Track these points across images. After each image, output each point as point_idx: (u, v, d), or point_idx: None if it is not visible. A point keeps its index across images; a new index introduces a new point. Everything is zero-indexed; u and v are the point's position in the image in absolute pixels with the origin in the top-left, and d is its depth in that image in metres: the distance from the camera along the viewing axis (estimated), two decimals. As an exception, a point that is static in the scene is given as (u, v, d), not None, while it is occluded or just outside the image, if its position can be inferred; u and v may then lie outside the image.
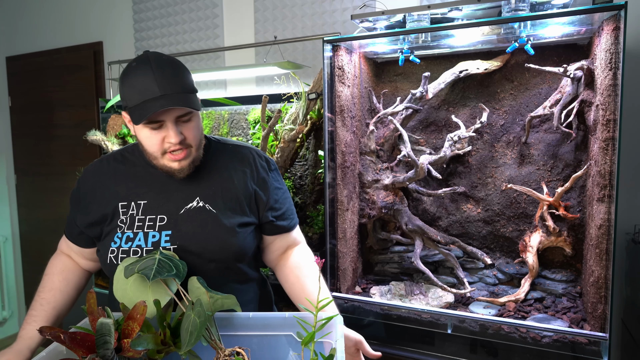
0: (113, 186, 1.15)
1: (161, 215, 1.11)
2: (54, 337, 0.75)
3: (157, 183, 1.14)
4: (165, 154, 1.06)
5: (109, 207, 1.13)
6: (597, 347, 1.41)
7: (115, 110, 2.54)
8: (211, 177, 1.15)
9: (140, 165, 1.17)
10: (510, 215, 1.85)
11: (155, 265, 0.91)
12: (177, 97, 1.00)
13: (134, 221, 1.11)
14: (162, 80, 0.99)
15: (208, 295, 0.91)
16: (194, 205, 1.12)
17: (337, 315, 0.94)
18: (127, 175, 1.16)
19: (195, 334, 0.80)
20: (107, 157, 1.21)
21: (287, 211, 1.24)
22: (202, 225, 1.11)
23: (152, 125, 1.02)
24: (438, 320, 1.63)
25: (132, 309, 0.81)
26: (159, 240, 1.09)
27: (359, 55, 1.93)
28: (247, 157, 1.21)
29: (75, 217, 1.19)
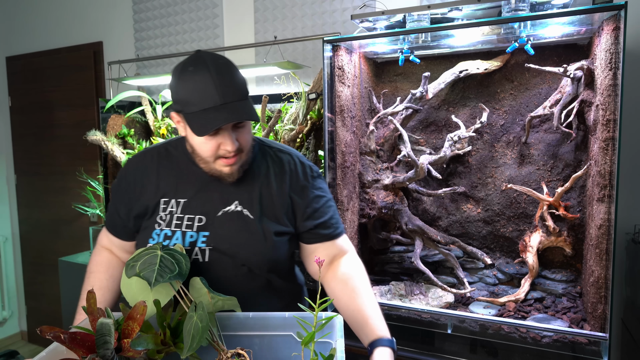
0: (156, 180, 1.15)
1: (199, 215, 1.11)
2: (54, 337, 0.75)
3: (198, 182, 1.13)
4: (218, 159, 1.05)
5: (151, 201, 1.13)
6: (597, 347, 1.41)
7: (115, 110, 2.54)
8: (251, 182, 1.14)
9: (183, 161, 1.16)
10: (510, 215, 1.85)
11: (157, 266, 0.90)
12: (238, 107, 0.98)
13: (173, 219, 1.11)
14: (222, 87, 0.97)
15: (209, 295, 0.91)
16: (231, 209, 1.11)
17: (337, 315, 0.94)
18: (170, 171, 1.16)
19: (197, 337, 0.80)
20: (151, 150, 1.20)
21: (330, 219, 1.18)
22: (237, 229, 1.10)
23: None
24: (438, 320, 1.63)
25: (132, 309, 0.81)
26: (196, 241, 1.09)
27: (359, 55, 1.93)
28: (288, 163, 1.18)
29: (118, 209, 1.18)
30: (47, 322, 3.63)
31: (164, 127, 2.51)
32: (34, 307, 3.71)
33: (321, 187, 1.21)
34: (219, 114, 0.97)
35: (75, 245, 3.30)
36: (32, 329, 3.75)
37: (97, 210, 2.79)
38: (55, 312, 3.45)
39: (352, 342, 1.33)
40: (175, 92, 1.04)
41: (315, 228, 1.17)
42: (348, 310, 1.08)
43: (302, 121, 2.08)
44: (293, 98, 2.17)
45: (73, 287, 2.64)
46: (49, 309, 3.57)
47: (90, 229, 2.53)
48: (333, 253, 1.19)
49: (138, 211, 1.14)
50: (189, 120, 1.00)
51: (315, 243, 1.18)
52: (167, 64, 2.82)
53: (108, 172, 2.53)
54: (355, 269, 1.15)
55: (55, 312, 3.48)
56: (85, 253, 2.84)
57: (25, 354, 3.12)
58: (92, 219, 3.15)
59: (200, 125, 0.98)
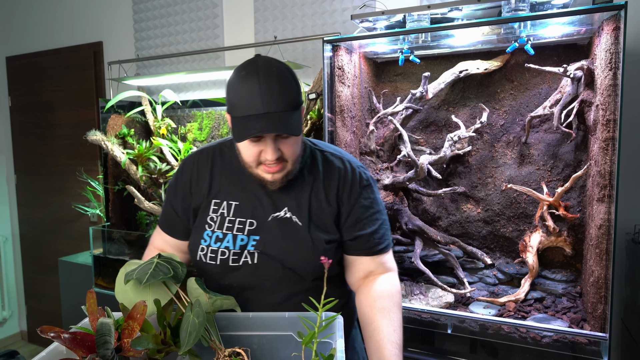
0: (209, 180, 1.15)
1: (251, 219, 1.11)
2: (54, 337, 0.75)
3: (250, 185, 1.13)
4: (260, 165, 1.04)
5: (204, 200, 1.14)
6: (597, 347, 1.41)
7: (115, 110, 2.54)
8: (300, 188, 1.12)
9: (235, 163, 1.15)
10: (510, 215, 1.85)
11: (152, 270, 0.91)
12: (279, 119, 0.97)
13: (224, 221, 1.11)
14: (267, 95, 0.96)
15: (207, 295, 0.92)
16: (281, 215, 1.10)
17: (338, 315, 0.93)
18: (222, 172, 1.16)
19: (194, 334, 0.80)
20: (207, 150, 1.21)
21: (374, 233, 1.13)
22: (287, 236, 1.09)
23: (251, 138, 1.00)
24: (438, 320, 1.63)
25: (132, 308, 0.81)
26: (246, 244, 1.10)
27: (359, 55, 1.93)
28: (339, 169, 1.15)
29: (175, 207, 1.19)
30: (47, 322, 3.63)
31: (164, 127, 2.51)
32: (34, 307, 3.71)
33: (370, 197, 1.16)
34: (258, 123, 0.96)
35: (75, 245, 3.30)
36: (32, 329, 3.75)
37: (97, 210, 2.79)
38: (55, 312, 3.45)
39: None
40: (227, 93, 1.04)
41: (356, 239, 1.13)
42: (367, 329, 1.06)
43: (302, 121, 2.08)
44: (293, 98, 2.16)
45: (73, 287, 2.65)
46: (49, 309, 3.57)
47: (90, 229, 2.53)
48: (371, 268, 1.14)
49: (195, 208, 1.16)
50: (232, 123, 1.02)
51: (354, 255, 1.15)
52: (167, 64, 2.82)
53: (108, 172, 2.53)
54: (389, 290, 1.11)
55: (55, 312, 3.48)
56: (85, 253, 2.84)
57: (25, 354, 3.12)
58: (92, 219, 3.15)
59: (239, 132, 0.99)
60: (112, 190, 2.54)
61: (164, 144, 2.44)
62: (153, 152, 2.46)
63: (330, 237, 1.12)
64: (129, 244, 2.54)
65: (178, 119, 2.66)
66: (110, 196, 2.54)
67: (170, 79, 2.58)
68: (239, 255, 1.10)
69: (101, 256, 2.50)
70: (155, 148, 2.47)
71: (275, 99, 0.97)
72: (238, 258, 1.10)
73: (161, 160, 2.48)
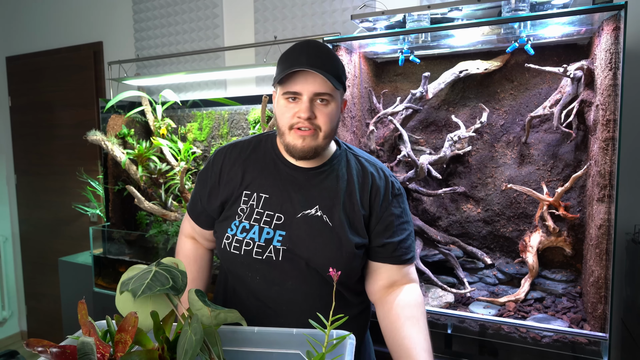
0: (241, 171, 1.15)
1: (279, 214, 1.10)
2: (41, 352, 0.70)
3: (281, 179, 1.13)
4: (292, 129, 1.06)
5: (234, 191, 1.14)
6: (597, 347, 1.41)
7: (115, 110, 2.54)
8: (334, 189, 1.12)
9: (270, 157, 1.16)
10: (510, 215, 1.85)
11: (148, 280, 0.86)
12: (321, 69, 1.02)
13: (253, 213, 1.11)
14: (312, 57, 1.02)
15: (209, 309, 0.86)
16: (311, 213, 1.10)
17: (349, 334, 0.87)
18: (256, 164, 1.16)
19: (190, 352, 0.75)
20: (242, 142, 1.21)
21: (402, 242, 1.14)
22: (315, 235, 1.08)
23: (289, 95, 1.04)
24: (438, 320, 1.63)
25: (123, 320, 0.77)
26: (272, 238, 1.09)
27: (359, 55, 1.93)
28: (373, 176, 1.15)
29: (201, 196, 1.20)
30: (47, 322, 3.63)
31: (164, 127, 2.51)
32: (34, 307, 3.71)
33: (401, 206, 1.17)
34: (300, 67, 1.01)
35: (75, 245, 3.30)
36: (32, 329, 3.75)
37: (97, 210, 2.79)
38: (55, 312, 3.45)
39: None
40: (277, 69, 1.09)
41: (383, 247, 1.13)
42: (395, 338, 1.04)
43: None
44: (293, 98, 2.16)
45: (73, 287, 2.64)
46: (49, 309, 3.57)
47: (90, 229, 2.53)
48: (395, 278, 1.14)
49: (222, 199, 1.16)
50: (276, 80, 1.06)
51: (379, 262, 1.14)
52: (167, 64, 2.82)
53: (108, 172, 2.53)
54: (415, 300, 1.11)
55: (55, 312, 3.48)
56: (85, 253, 2.84)
57: (25, 354, 3.12)
58: (92, 219, 3.14)
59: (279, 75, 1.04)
60: (112, 190, 2.54)
61: (164, 144, 2.44)
62: (153, 152, 2.46)
63: (360, 241, 1.11)
64: (129, 244, 2.54)
65: (178, 119, 2.66)
66: (110, 196, 2.54)
67: (170, 79, 2.58)
68: (263, 248, 1.09)
69: (101, 256, 2.50)
70: (155, 148, 2.47)
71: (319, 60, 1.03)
72: (262, 252, 1.09)
73: (161, 160, 2.48)
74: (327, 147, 1.12)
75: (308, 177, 1.13)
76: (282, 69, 1.05)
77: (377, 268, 1.15)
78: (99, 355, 0.75)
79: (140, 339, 0.80)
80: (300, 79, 1.03)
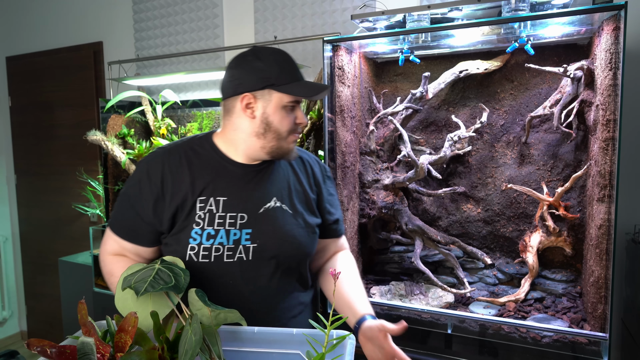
0: (190, 179, 1.11)
1: (241, 213, 1.11)
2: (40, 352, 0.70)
3: (235, 180, 1.14)
4: (290, 134, 1.12)
5: (186, 200, 1.10)
6: (597, 347, 1.41)
7: (115, 110, 2.54)
8: (284, 179, 1.19)
9: (215, 160, 1.14)
10: (510, 215, 1.85)
11: (151, 278, 0.86)
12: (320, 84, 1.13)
13: (214, 218, 1.10)
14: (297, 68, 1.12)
15: (209, 309, 0.86)
16: (272, 205, 1.14)
17: (349, 334, 0.88)
18: (203, 170, 1.13)
19: (190, 352, 0.75)
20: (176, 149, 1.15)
21: (340, 217, 1.30)
22: (281, 224, 1.13)
23: (291, 104, 1.10)
24: (438, 320, 1.63)
25: (123, 320, 0.77)
26: (240, 238, 1.10)
27: (359, 55, 1.93)
28: (309, 162, 1.27)
29: (141, 213, 1.11)
30: (47, 322, 3.63)
31: (164, 127, 2.51)
32: (34, 307, 3.71)
33: (333, 186, 1.31)
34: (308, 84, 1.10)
35: (75, 245, 3.30)
36: (32, 329, 3.75)
37: (97, 210, 2.79)
38: (55, 312, 3.45)
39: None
40: (257, 70, 1.07)
41: (331, 224, 1.26)
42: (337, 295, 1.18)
43: (302, 121, 2.08)
44: (293, 98, 2.16)
45: (73, 287, 2.64)
46: (49, 309, 3.57)
47: (90, 229, 2.53)
48: (336, 249, 1.30)
49: (172, 211, 1.10)
50: (284, 89, 1.07)
51: (328, 238, 1.27)
52: (167, 64, 2.82)
53: (108, 172, 2.53)
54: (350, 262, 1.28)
55: (55, 312, 3.48)
56: (85, 253, 2.84)
57: (25, 354, 3.11)
58: (92, 219, 3.14)
59: (302, 90, 1.08)
60: (112, 190, 2.54)
61: (164, 144, 2.44)
62: (153, 152, 2.45)
63: (319, 222, 1.22)
64: (129, 244, 2.53)
65: (178, 119, 2.66)
66: (110, 196, 2.54)
67: (170, 79, 2.58)
68: (233, 250, 1.09)
69: (101, 256, 2.49)
70: (155, 148, 2.47)
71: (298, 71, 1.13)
72: (233, 254, 1.09)
73: (161, 160, 2.48)
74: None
75: (257, 173, 1.16)
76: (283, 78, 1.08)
77: (327, 244, 1.28)
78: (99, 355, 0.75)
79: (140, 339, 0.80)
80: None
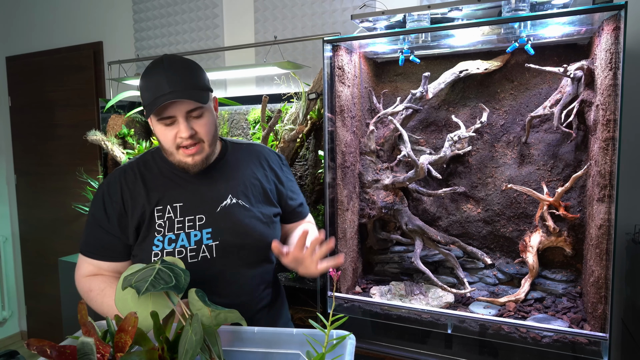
0: (144, 192, 1.17)
1: (199, 215, 1.16)
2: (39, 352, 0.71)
3: (187, 185, 1.18)
4: (179, 149, 1.11)
5: (145, 211, 1.15)
6: (597, 347, 1.41)
7: (115, 110, 2.54)
8: (237, 175, 1.23)
9: (165, 169, 1.20)
10: (510, 215, 1.85)
11: (152, 277, 0.87)
12: (185, 92, 1.05)
13: (174, 223, 1.14)
14: (172, 77, 1.05)
15: (209, 309, 0.86)
16: (228, 203, 1.18)
17: (349, 334, 0.88)
18: (156, 180, 1.19)
19: (191, 352, 0.75)
20: (129, 166, 1.22)
21: (303, 200, 1.38)
22: (239, 219, 1.17)
23: (164, 121, 1.08)
24: (438, 320, 1.63)
25: (123, 320, 0.77)
26: (201, 238, 1.14)
27: (359, 55, 1.93)
28: (262, 153, 1.31)
29: (109, 230, 1.16)
30: (47, 322, 3.63)
31: (164, 127, 2.51)
32: (34, 307, 3.71)
33: (290, 172, 1.38)
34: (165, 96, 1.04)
35: (75, 245, 3.28)
36: (32, 329, 3.74)
37: (97, 210, 2.78)
38: (55, 312, 3.45)
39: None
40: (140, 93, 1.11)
41: (297, 208, 1.35)
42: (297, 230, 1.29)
43: (302, 121, 2.08)
44: (293, 98, 2.17)
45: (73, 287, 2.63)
46: (49, 309, 3.57)
47: (90, 229, 2.52)
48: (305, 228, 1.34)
49: (135, 224, 1.15)
50: (145, 110, 1.08)
51: (295, 222, 1.36)
52: (167, 64, 2.81)
53: (108, 172, 2.53)
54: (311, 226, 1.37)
55: (55, 312, 3.48)
56: (85, 253, 2.84)
57: (25, 354, 3.12)
58: (92, 219, 3.14)
59: (149, 110, 1.05)
60: (112, 190, 2.54)
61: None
62: (153, 152, 2.46)
63: (276, 211, 1.27)
64: (129, 244, 2.53)
65: (178, 119, 2.66)
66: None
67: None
68: (196, 251, 1.14)
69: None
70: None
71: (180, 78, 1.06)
72: (196, 254, 1.14)
73: (161, 160, 2.48)
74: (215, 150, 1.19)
75: (211, 173, 1.20)
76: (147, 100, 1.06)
77: (291, 228, 1.36)
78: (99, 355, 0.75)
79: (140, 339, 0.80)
80: (169, 103, 1.06)
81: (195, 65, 1.13)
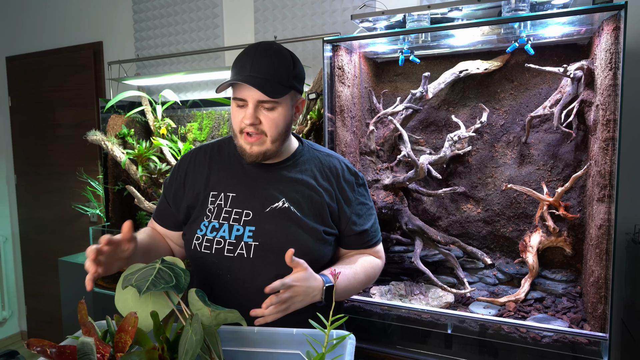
0: (207, 174, 1.19)
1: (247, 210, 1.14)
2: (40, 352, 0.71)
3: (247, 177, 1.17)
4: (242, 133, 1.10)
5: (201, 193, 1.18)
6: (597, 347, 1.41)
7: (115, 110, 2.54)
8: (299, 182, 1.17)
9: (234, 158, 1.20)
10: (510, 215, 1.85)
11: (152, 277, 0.87)
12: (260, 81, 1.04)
13: (221, 212, 1.14)
14: (257, 63, 1.05)
15: (209, 309, 0.86)
16: (279, 206, 1.14)
17: (349, 334, 0.88)
18: (221, 166, 1.20)
19: (191, 352, 0.75)
20: (205, 147, 1.26)
21: (371, 228, 1.24)
22: (285, 226, 1.12)
23: (237, 101, 1.09)
24: (438, 320, 1.63)
25: (123, 320, 0.77)
26: (242, 235, 1.12)
27: (359, 55, 1.93)
28: (336, 168, 1.22)
29: (168, 200, 1.24)
30: (47, 322, 3.63)
31: (164, 127, 2.51)
32: (34, 307, 3.71)
33: (365, 194, 1.26)
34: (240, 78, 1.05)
35: (75, 245, 3.29)
36: (32, 329, 3.74)
37: (97, 210, 2.79)
38: (55, 312, 3.45)
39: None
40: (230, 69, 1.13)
41: (357, 235, 1.22)
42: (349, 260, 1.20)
43: (302, 121, 2.08)
44: (293, 98, 2.16)
45: (73, 287, 2.64)
46: (49, 309, 3.57)
47: (90, 229, 2.53)
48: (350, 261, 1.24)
49: (189, 202, 1.19)
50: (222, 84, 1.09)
51: (353, 249, 1.25)
52: (167, 64, 2.82)
53: (108, 172, 2.53)
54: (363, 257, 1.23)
55: (55, 312, 3.48)
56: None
57: (25, 354, 3.11)
58: (92, 219, 3.14)
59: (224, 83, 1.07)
60: (112, 190, 2.54)
61: (164, 144, 2.44)
62: (153, 152, 2.46)
63: (329, 230, 1.17)
64: (129, 244, 2.53)
65: (178, 119, 2.66)
66: (110, 196, 2.54)
67: (170, 79, 2.58)
68: (234, 246, 1.11)
69: (101, 256, 2.49)
70: (155, 148, 2.47)
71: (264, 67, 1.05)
72: (233, 249, 1.11)
73: (161, 160, 2.48)
74: (279, 149, 1.15)
75: (273, 173, 1.17)
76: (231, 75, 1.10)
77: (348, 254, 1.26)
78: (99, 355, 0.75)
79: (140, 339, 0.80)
80: (245, 86, 1.05)
81: (288, 60, 1.10)
